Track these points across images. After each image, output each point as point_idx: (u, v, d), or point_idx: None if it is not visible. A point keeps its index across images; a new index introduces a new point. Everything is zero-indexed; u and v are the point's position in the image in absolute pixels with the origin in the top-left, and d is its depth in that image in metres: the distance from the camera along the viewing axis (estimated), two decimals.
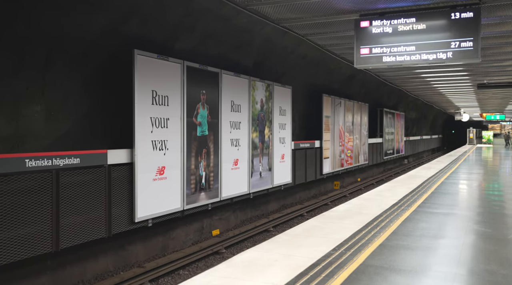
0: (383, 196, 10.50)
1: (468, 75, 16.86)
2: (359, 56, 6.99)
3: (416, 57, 6.65)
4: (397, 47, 6.73)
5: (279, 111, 13.90)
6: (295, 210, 14.77)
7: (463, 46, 6.38)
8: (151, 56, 8.44)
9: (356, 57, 7.05)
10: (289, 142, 14.62)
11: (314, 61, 16.33)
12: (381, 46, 6.80)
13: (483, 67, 14.76)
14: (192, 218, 10.82)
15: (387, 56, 6.76)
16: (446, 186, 12.64)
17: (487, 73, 16.14)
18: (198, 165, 9.86)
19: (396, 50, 6.74)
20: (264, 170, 12.92)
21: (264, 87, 12.92)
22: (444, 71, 16.06)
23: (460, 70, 15.87)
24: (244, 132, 11.79)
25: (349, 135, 20.90)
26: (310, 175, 16.79)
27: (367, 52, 6.87)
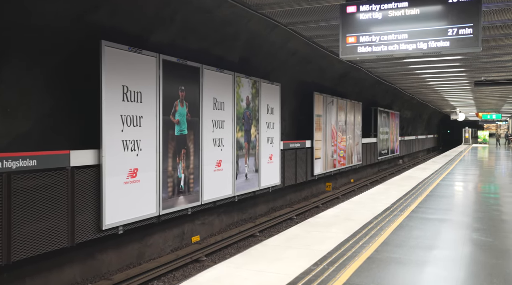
0: (375, 200, 9.85)
1: (465, 72, 16.17)
2: (345, 45, 6.27)
3: (409, 46, 5.93)
4: (388, 35, 6.01)
5: (267, 109, 13.22)
6: (284, 213, 14.09)
7: (461, 34, 5.68)
8: (122, 48, 7.74)
9: (342, 47, 6.34)
10: (278, 142, 13.95)
11: (305, 58, 15.67)
12: (370, 34, 6.08)
13: (481, 62, 14.08)
14: (171, 223, 10.12)
15: (376, 45, 6.04)
16: (441, 188, 12.00)
17: (485, 69, 15.46)
18: (176, 167, 9.16)
19: (387, 39, 6.02)
20: (250, 172, 12.23)
21: (251, 84, 12.24)
22: (439, 66, 15.35)
23: (456, 66, 15.16)
24: (228, 131, 11.11)
25: (342, 135, 20.26)
26: (301, 176, 16.12)
27: (354, 41, 6.15)
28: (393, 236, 6.45)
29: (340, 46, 6.32)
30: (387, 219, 7.66)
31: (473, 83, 17.75)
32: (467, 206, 9.30)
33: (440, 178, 14.74)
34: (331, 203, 17.49)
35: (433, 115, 51.79)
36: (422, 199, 10.12)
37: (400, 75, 18.35)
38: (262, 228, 12.30)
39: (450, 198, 10.42)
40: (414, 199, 10.03)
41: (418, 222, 7.51)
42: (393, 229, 6.88)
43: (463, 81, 19.05)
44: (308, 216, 14.83)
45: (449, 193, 11.17)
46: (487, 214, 8.40)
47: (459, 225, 7.42)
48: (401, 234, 6.60)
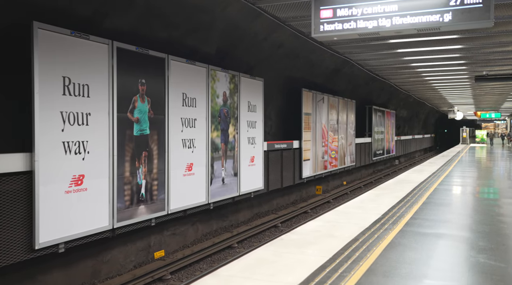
0: (364, 209, 8.66)
1: (466, 65, 14.87)
2: (319, 21, 5.05)
3: (400, 21, 4.70)
4: (372, 6, 4.78)
5: (248, 107, 12.02)
6: (268, 220, 12.90)
7: (468, 3, 4.47)
8: (62, 32, 6.52)
9: (315, 23, 5.09)
10: (261, 142, 12.75)
11: (292, 51, 14.48)
12: (350, 6, 4.84)
13: (484, 53, 12.79)
14: (133, 236, 8.92)
15: (357, 20, 4.81)
16: (439, 194, 10.83)
17: (487, 61, 14.18)
18: (135, 172, 7.95)
19: (371, 12, 4.78)
20: (228, 176, 11.04)
21: (228, 79, 11.04)
22: (438, 58, 13.95)
23: (456, 57, 13.82)
24: (201, 131, 9.91)
25: (334, 135, 19.08)
26: (287, 179, 14.93)
27: (329, 16, 4.91)
28: (382, 260, 5.26)
29: (312, 22, 5.08)
30: (376, 235, 6.47)
31: (473, 78, 16.52)
32: (468, 217, 8.12)
33: (437, 181, 13.57)
34: (321, 207, 16.31)
35: (430, 114, 50.72)
36: (417, 207, 8.94)
37: (394, 69, 17.03)
38: (241, 238, 11.11)
39: (449, 206, 9.25)
40: (409, 208, 8.85)
41: (413, 239, 6.32)
42: (382, 250, 5.69)
43: (463, 76, 17.72)
44: (295, 223, 13.65)
45: (448, 200, 10.00)
46: (493, 227, 7.23)
47: (461, 243, 6.24)
48: (391, 257, 5.41)
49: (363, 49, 13.95)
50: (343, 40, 12.76)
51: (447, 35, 10.80)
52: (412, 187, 12.16)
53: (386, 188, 11.78)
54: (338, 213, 8.14)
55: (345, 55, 15.52)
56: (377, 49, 13.51)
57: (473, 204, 9.61)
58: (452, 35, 10.72)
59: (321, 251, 5.53)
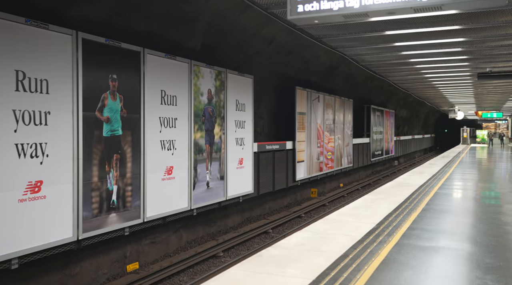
0: (357, 217, 7.92)
1: (468, 60, 13.95)
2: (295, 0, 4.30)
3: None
4: None
5: (236, 105, 11.28)
6: (257, 226, 12.16)
7: None
8: (15, 20, 5.78)
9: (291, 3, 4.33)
10: (250, 143, 12.01)
11: (285, 47, 13.74)
12: None
13: (489, 47, 11.91)
14: (106, 246, 8.18)
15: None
16: (440, 200, 10.09)
17: (492, 57, 13.36)
18: (105, 177, 7.21)
19: None
20: (214, 179, 10.30)
21: (214, 75, 10.30)
22: (438, 53, 12.94)
23: (458, 52, 12.84)
24: (182, 131, 9.17)
25: (330, 135, 18.34)
26: (280, 182, 14.19)
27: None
28: (373, 283, 4.52)
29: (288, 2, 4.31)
30: (368, 250, 5.72)
31: (476, 76, 15.70)
32: (472, 226, 7.38)
33: (438, 185, 12.83)
34: (316, 211, 15.58)
35: (430, 114, 50.00)
36: (416, 215, 8.20)
37: (392, 66, 16.11)
38: (227, 246, 10.36)
39: (450, 213, 8.51)
40: (407, 216, 8.11)
41: (410, 254, 5.58)
42: (375, 269, 4.95)
43: (465, 73, 16.81)
44: (287, 229, 12.92)
45: (449, 206, 9.26)
46: (500, 239, 6.49)
47: (466, 260, 5.50)
48: (385, 279, 4.66)
49: (357, 43, 13.19)
50: (335, 32, 12.00)
51: (447, 26, 9.93)
52: (411, 191, 11.42)
53: (383, 193, 11.03)
54: (329, 222, 7.39)
55: (339, 50, 14.76)
56: (372, 42, 12.71)
57: (476, 210, 8.87)
58: (453, 26, 9.84)
59: (303, 271, 4.79)
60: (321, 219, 7.56)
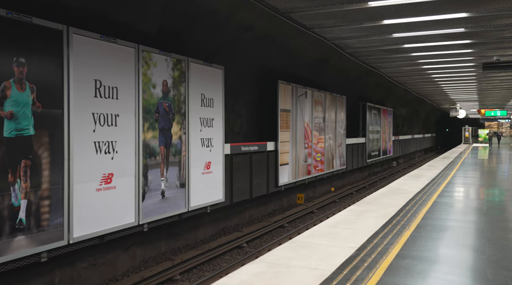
0: (334, 238, 6.30)
1: (472, 46, 12.23)
2: None
3: None
4: None
5: (202, 100, 9.68)
6: (227, 241, 10.55)
7: None
8: None
9: None
10: (221, 144, 10.41)
11: (265, 36, 12.15)
12: None
13: (498, 28, 9.87)
14: (17, 276, 6.57)
15: None
16: (439, 212, 8.48)
17: (500, 43, 11.61)
18: (7, 189, 5.61)
19: None
20: (171, 187, 8.69)
21: (171, 64, 8.69)
22: (437, 35, 11.12)
23: (461, 35, 10.78)
24: (126, 130, 7.56)
25: (319, 135, 16.73)
26: (259, 188, 12.59)
27: None
28: None
29: None
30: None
31: (481, 67, 13.98)
32: (480, 253, 5.76)
33: (437, 191, 11.22)
34: (302, 220, 13.97)
35: (431, 112, 48.36)
36: (409, 234, 6.59)
37: (384, 53, 13.82)
38: (187, 267, 8.76)
39: (451, 232, 6.89)
40: (397, 236, 6.50)
41: None
42: None
43: (468, 64, 14.76)
44: (265, 242, 11.31)
45: (449, 221, 7.65)
46: None
47: None
48: None
49: (349, 32, 11.53)
50: (324, 21, 10.36)
51: None
52: (406, 199, 9.81)
53: (372, 202, 9.41)
54: (296, 247, 5.78)
55: (330, 40, 13.10)
56: (356, 20, 10.96)
57: (482, 227, 7.26)
58: None
59: None
60: (286, 243, 5.94)
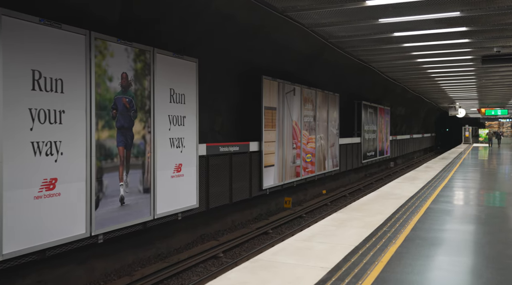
0: (304, 256, 5.36)
1: (471, 36, 11.04)
2: None
3: None
4: None
5: (171, 96, 8.75)
6: (204, 250, 9.61)
7: None
8: None
9: None
10: (194, 144, 9.48)
11: (248, 28, 11.25)
12: None
13: (498, 14, 8.78)
14: None
15: None
16: (432, 221, 7.54)
17: (501, 31, 10.38)
18: None
19: None
20: (133, 193, 7.76)
21: (133, 55, 7.76)
22: (430, 20, 9.59)
23: (457, 20, 9.50)
24: (75, 129, 6.64)
25: (309, 134, 15.80)
26: (240, 191, 11.67)
27: None
28: None
29: None
30: None
31: (480, 60, 12.95)
32: (478, 277, 4.82)
33: (432, 196, 10.29)
34: (288, 225, 13.04)
35: (431, 111, 47.39)
36: (395, 250, 5.66)
37: (371, 43, 12.59)
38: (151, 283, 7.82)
39: (445, 247, 5.95)
40: (380, 253, 5.56)
41: None
42: None
43: (466, 57, 13.49)
44: (245, 250, 10.38)
45: (443, 233, 6.71)
46: None
47: None
48: None
49: (341, 25, 10.51)
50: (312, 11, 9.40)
51: None
52: (397, 206, 8.88)
53: (359, 209, 8.48)
54: (256, 268, 4.83)
55: (319, 33, 12.13)
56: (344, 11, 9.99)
57: (481, 240, 6.33)
58: None
59: None
60: (248, 262, 5.00)
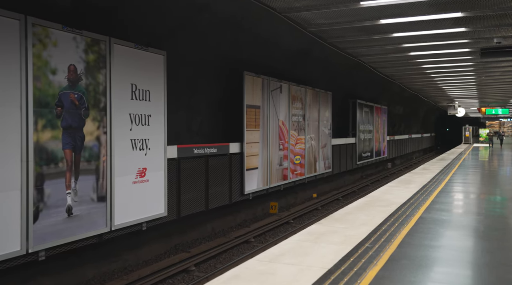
0: (267, 281, 4.43)
1: (469, 24, 9.82)
2: None
3: None
4: None
5: (133, 92, 7.81)
6: (170, 264, 8.67)
7: None
8: None
9: None
10: (161, 146, 8.54)
11: (227, 19, 10.33)
12: None
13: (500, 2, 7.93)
14: None
15: None
16: (424, 234, 6.61)
17: (502, 17, 9.18)
18: None
19: None
20: (84, 202, 6.83)
21: (83, 45, 6.83)
22: (423, 3, 8.52)
23: (453, 4, 8.37)
24: (6, 128, 5.70)
25: (298, 135, 14.86)
26: (219, 197, 10.74)
27: None
28: None
29: None
30: None
31: (479, 53, 11.90)
32: None
33: (426, 202, 9.36)
34: (273, 233, 12.10)
35: (430, 111, 46.41)
36: (374, 275, 4.72)
37: (356, 32, 10.81)
38: None
39: (435, 272, 5.00)
40: (357, 278, 4.62)
41: None
42: None
43: (464, 49, 12.66)
44: (222, 262, 9.45)
45: (435, 252, 5.76)
46: None
47: None
48: None
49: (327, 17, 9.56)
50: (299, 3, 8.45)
51: None
52: (385, 215, 7.94)
53: (341, 219, 7.53)
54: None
55: (307, 28, 11.18)
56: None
57: (479, 260, 5.39)
58: None
59: None
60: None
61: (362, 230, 6.66)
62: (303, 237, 6.22)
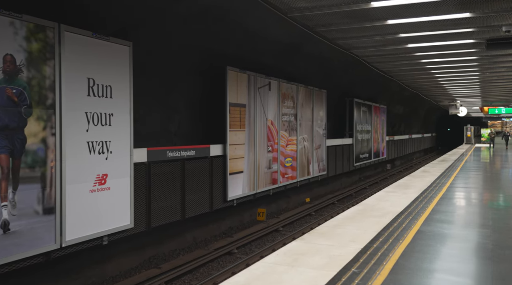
0: None
1: (473, 9, 8.55)
2: None
3: None
4: None
5: (90, 87, 6.82)
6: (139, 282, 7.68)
7: None
8: None
9: None
10: (127, 149, 7.54)
11: (209, 9, 9.31)
12: None
13: None
14: None
15: None
16: (422, 255, 5.62)
17: None
18: None
19: None
20: (25, 215, 5.84)
21: (24, 31, 5.84)
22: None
23: None
24: None
25: (290, 135, 13.86)
26: (197, 205, 9.74)
27: None
28: None
29: None
30: None
31: (484, 44, 10.78)
32: None
33: (426, 211, 8.36)
34: (259, 242, 11.11)
35: (431, 110, 45.35)
36: None
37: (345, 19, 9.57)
38: None
39: None
40: None
41: None
42: None
43: (468, 41, 11.46)
44: (198, 278, 8.44)
45: (435, 280, 4.76)
46: None
47: None
48: None
49: None
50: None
51: None
52: (379, 227, 6.95)
53: (328, 233, 6.53)
54: None
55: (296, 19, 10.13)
56: None
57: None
58: None
59: None
60: None
61: (350, 248, 5.66)
62: (279, 259, 5.22)
